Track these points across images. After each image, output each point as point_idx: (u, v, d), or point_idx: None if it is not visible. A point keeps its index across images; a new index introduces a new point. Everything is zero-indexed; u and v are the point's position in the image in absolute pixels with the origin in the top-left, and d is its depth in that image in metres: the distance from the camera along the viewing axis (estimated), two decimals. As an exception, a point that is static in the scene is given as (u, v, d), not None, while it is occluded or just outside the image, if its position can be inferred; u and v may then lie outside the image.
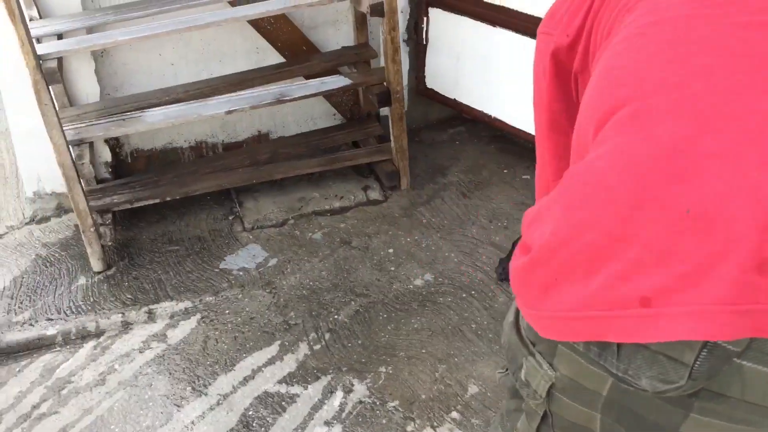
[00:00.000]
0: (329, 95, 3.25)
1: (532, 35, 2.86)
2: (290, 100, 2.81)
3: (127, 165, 3.22)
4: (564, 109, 1.10)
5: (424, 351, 2.36)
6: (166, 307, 2.61)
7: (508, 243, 2.74)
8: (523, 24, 2.86)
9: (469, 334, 2.40)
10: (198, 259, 2.82)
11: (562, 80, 1.07)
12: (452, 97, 3.29)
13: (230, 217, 3.05)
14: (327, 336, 2.44)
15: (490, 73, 3.07)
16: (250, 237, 2.93)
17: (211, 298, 2.63)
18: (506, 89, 3.03)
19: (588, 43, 1.00)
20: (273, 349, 2.41)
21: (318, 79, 2.91)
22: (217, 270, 2.77)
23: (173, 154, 3.29)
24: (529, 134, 3.02)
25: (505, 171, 3.19)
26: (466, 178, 3.17)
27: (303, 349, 2.40)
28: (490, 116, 3.14)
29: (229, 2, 2.87)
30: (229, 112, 2.75)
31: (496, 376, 2.17)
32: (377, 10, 2.65)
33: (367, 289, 2.63)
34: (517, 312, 1.02)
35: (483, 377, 2.25)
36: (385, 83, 2.89)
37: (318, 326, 2.48)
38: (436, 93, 3.35)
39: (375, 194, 3.12)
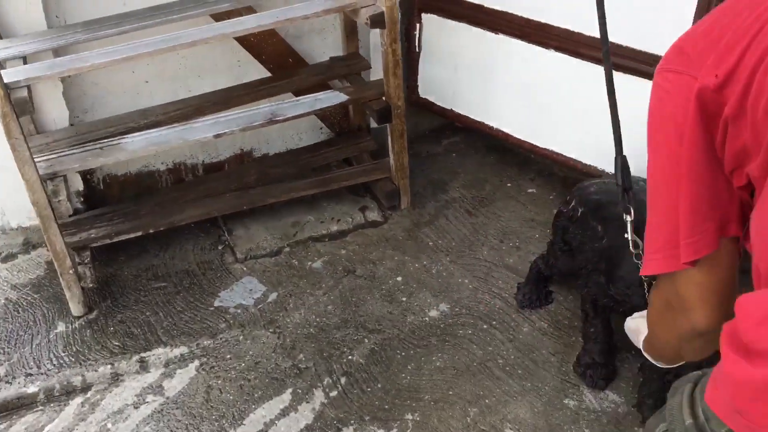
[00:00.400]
0: (317, 109, 3.03)
1: (539, 43, 2.71)
2: (283, 120, 2.59)
3: (100, 192, 2.95)
4: (706, 157, 0.98)
5: (451, 393, 2.18)
6: (159, 354, 2.37)
7: (524, 265, 2.58)
8: (528, 30, 2.69)
9: (496, 371, 2.23)
10: (189, 297, 2.58)
11: (706, 125, 0.95)
12: (449, 107, 3.11)
13: (219, 247, 2.81)
14: (343, 380, 2.24)
15: (491, 82, 2.89)
16: (244, 269, 2.70)
17: (208, 342, 2.40)
18: (510, 99, 2.86)
19: (749, 84, 0.86)
20: (285, 398, 2.20)
21: (311, 95, 2.69)
22: (211, 308, 2.53)
23: (149, 178, 3.03)
24: (535, 146, 2.87)
25: (508, 185, 3.02)
26: (469, 194, 2.99)
27: (318, 396, 2.19)
28: (492, 127, 2.97)
29: (211, 16, 2.63)
30: (218, 136, 2.51)
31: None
32: (378, 21, 2.45)
33: (379, 323, 2.43)
34: (694, 411, 0.84)
35: (518, 420, 2.08)
36: (384, 98, 2.69)
37: (332, 369, 2.28)
38: (431, 103, 3.16)
39: (374, 215, 2.92)
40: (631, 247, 1.97)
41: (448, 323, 2.42)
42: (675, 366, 1.66)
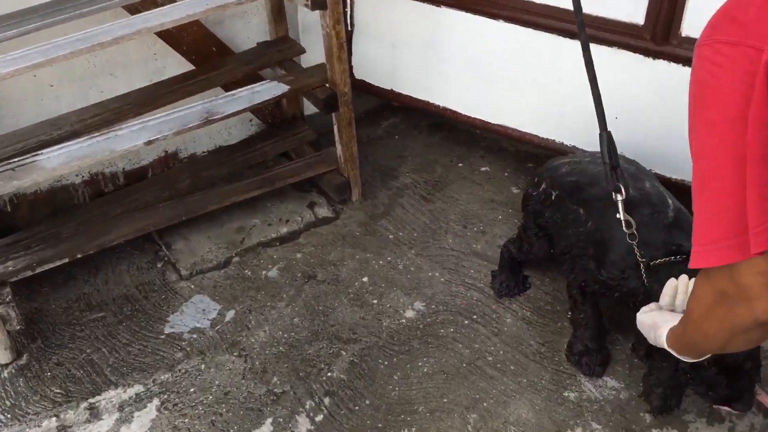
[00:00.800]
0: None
1: (486, 14, 2.56)
2: (221, 119, 2.32)
3: (7, 216, 2.58)
4: None
5: (445, 400, 2.03)
6: (111, 396, 2.09)
7: (493, 250, 2.45)
8: (473, 1, 2.53)
9: (489, 370, 2.11)
10: (134, 326, 2.30)
11: None
12: (388, 87, 2.91)
13: (159, 264, 2.52)
14: (326, 401, 2.05)
15: (435, 58, 2.72)
16: (192, 286, 2.43)
17: (166, 376, 2.14)
18: (456, 75, 2.70)
19: None
20: (265, 430, 1.99)
21: (247, 88, 2.42)
22: (162, 337, 2.27)
23: (64, 193, 2.68)
24: (487, 122, 2.73)
25: (460, 165, 2.88)
26: (420, 179, 2.83)
27: (303, 423, 2.00)
28: (438, 105, 2.81)
29: (124, 7, 2.31)
30: (150, 143, 2.22)
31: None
32: (319, 2, 2.22)
33: (353, 332, 2.25)
34: None
35: (522, 421, 1.97)
36: (328, 85, 2.47)
37: (312, 390, 2.08)
38: (368, 84, 2.95)
39: (324, 211, 2.71)
40: (624, 227, 1.88)
41: (427, 323, 2.26)
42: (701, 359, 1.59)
